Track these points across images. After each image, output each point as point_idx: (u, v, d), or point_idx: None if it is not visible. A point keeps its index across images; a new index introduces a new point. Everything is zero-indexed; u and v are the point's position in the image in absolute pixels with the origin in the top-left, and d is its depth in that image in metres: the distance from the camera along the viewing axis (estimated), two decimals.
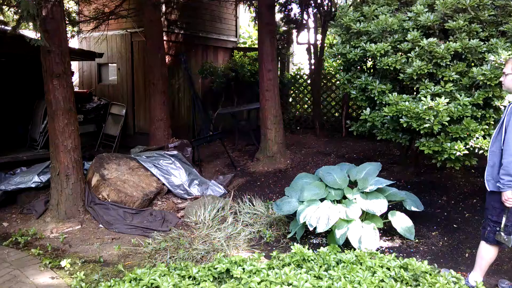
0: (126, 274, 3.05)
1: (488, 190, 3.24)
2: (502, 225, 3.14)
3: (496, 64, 3.94)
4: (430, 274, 2.98)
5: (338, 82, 8.53)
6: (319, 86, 9.17)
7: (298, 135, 9.00)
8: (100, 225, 5.09)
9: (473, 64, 4.35)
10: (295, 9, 9.33)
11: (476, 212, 4.77)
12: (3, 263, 4.08)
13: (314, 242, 4.44)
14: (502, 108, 4.21)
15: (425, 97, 4.17)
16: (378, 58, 4.59)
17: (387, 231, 4.49)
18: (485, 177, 3.27)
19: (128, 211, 5.28)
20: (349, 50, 4.89)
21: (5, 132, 7.95)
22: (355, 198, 4.26)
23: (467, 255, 4.01)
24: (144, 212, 5.35)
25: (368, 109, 4.86)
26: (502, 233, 3.13)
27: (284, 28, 9.77)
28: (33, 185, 5.71)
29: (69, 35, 7.22)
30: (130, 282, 2.95)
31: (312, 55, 9.04)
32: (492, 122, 4.26)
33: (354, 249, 3.70)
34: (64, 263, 3.99)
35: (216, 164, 7.52)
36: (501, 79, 3.29)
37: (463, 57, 4.34)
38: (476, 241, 4.01)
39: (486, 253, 3.31)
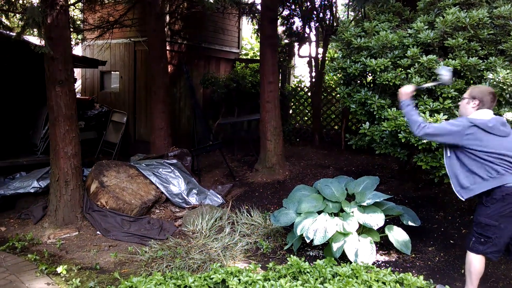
0: (121, 282, 3.06)
1: (463, 199, 3.33)
2: None
3: (495, 82, 3.99)
4: None
5: (338, 95, 8.58)
6: (319, 99, 9.23)
7: (298, 147, 9.03)
8: (98, 232, 5.10)
9: (471, 81, 4.39)
10: (297, 23, 9.44)
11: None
12: None
13: (311, 254, 4.44)
14: None
15: (424, 113, 4.20)
16: (378, 73, 4.65)
17: (384, 245, 4.50)
18: (455, 191, 3.37)
19: (126, 219, 5.28)
20: (349, 65, 4.94)
21: (5, 136, 7.97)
22: (352, 212, 4.27)
23: (463, 271, 4.00)
24: (142, 220, 5.36)
25: (367, 123, 4.90)
26: None
27: (286, 41, 9.87)
28: (32, 190, 5.71)
29: (73, 42, 7.30)
30: None
31: (313, 68, 9.12)
32: None
33: (351, 263, 3.72)
34: (60, 269, 3.98)
35: (215, 174, 7.55)
36: (459, 103, 3.56)
37: (462, 74, 4.39)
38: None
39: (473, 265, 3.33)
